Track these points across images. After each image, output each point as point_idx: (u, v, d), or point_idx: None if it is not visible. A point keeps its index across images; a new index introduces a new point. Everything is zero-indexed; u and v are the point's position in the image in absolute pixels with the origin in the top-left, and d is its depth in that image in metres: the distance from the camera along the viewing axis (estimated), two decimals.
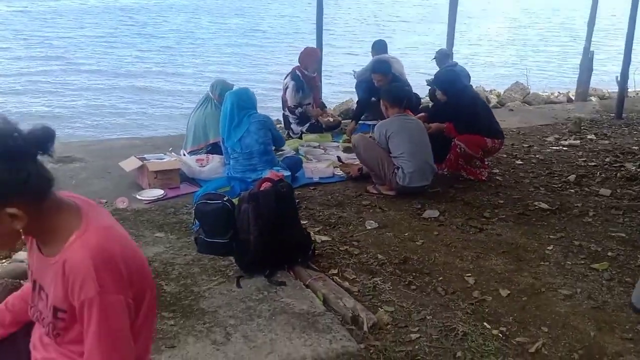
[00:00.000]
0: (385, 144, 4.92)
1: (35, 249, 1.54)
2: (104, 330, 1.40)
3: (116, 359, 1.43)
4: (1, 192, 1.35)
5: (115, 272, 1.42)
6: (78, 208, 1.52)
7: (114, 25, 26.45)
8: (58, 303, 1.45)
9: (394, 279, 3.58)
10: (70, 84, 13.97)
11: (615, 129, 7.62)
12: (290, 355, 2.70)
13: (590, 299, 3.42)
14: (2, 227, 1.39)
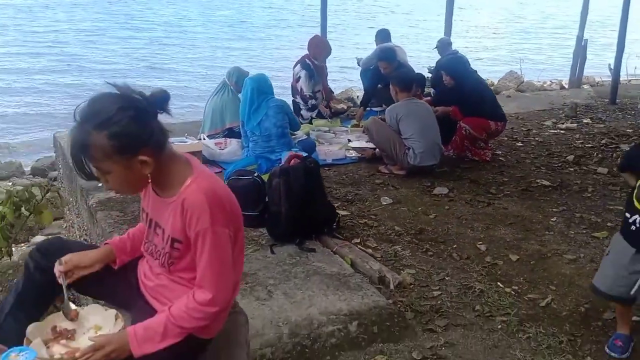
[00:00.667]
0: (396, 126, 5.21)
1: (151, 194, 1.82)
2: (213, 256, 1.70)
3: (222, 280, 1.73)
4: (134, 144, 1.64)
5: (223, 210, 1.72)
6: (187, 159, 1.81)
7: (104, 17, 26.71)
8: (176, 235, 1.74)
9: (412, 247, 3.89)
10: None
11: (610, 113, 7.96)
12: (328, 308, 3.00)
13: (592, 262, 3.74)
14: (134, 172, 1.68)
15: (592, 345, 2.89)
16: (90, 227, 4.63)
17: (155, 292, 1.86)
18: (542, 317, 3.12)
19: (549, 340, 2.90)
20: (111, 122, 1.61)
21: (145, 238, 1.89)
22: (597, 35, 19.55)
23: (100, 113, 1.62)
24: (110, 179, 1.70)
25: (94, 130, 1.61)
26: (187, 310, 1.72)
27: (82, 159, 1.65)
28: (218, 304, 1.74)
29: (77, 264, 1.86)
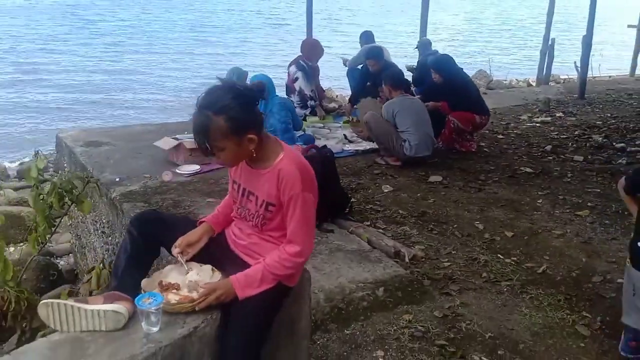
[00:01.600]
0: (392, 120, 5.63)
1: (244, 167, 2.18)
2: (302, 217, 2.07)
3: (308, 236, 2.11)
4: (244, 125, 2.00)
5: (310, 179, 2.10)
6: (275, 139, 2.18)
7: (64, 22, 26.67)
8: (271, 199, 2.10)
9: (418, 227, 4.30)
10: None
11: (580, 107, 8.55)
12: (355, 278, 3.39)
13: (578, 236, 4.22)
14: (243, 148, 2.04)
15: (585, 302, 3.34)
16: (113, 219, 4.90)
17: (247, 250, 2.23)
18: (540, 281, 3.57)
19: (548, 299, 3.35)
20: (227, 108, 1.97)
21: (238, 204, 2.25)
22: (559, 36, 20.42)
23: (218, 101, 1.98)
24: (223, 154, 2.05)
25: (214, 115, 1.97)
26: (280, 261, 2.08)
27: (204, 138, 2.00)
28: (304, 255, 2.13)
29: (188, 243, 2.22)
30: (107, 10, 32.53)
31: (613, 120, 7.69)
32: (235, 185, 2.24)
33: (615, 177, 5.47)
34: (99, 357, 1.78)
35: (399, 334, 2.97)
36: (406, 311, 3.18)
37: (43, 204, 3.71)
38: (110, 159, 5.84)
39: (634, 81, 11.03)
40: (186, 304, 2.00)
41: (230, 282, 2.05)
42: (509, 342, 2.96)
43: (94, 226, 5.68)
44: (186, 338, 1.95)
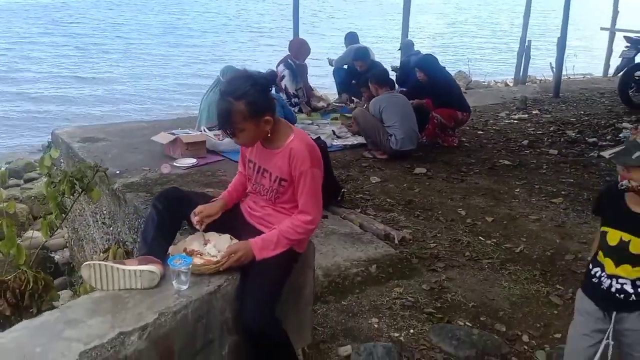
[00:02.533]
0: (379, 116, 5.94)
1: (258, 148, 2.46)
2: (312, 189, 2.36)
3: (317, 206, 2.41)
4: (262, 109, 2.28)
5: (317, 157, 2.39)
6: (285, 122, 2.47)
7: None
8: (283, 175, 2.39)
9: (405, 213, 4.61)
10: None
11: (555, 105, 8.95)
12: (349, 257, 3.69)
13: (552, 220, 4.56)
14: (260, 130, 2.32)
15: (558, 277, 3.68)
16: (114, 209, 5.14)
17: (261, 220, 2.51)
18: (518, 259, 3.90)
19: (525, 274, 3.68)
20: (246, 94, 2.25)
21: (253, 181, 2.53)
22: (535, 38, 20.97)
23: (238, 88, 2.26)
24: (243, 135, 2.33)
25: (235, 100, 2.25)
26: (294, 227, 2.37)
27: (227, 121, 2.28)
28: (314, 223, 2.43)
29: (207, 214, 2.49)
30: (81, 11, 32.60)
31: (586, 117, 8.10)
32: (251, 164, 2.52)
33: (587, 168, 5.87)
34: (139, 309, 2.05)
35: (391, 304, 3.28)
36: (397, 285, 3.48)
37: (55, 191, 3.94)
38: (108, 153, 6.06)
39: (606, 81, 11.49)
40: (211, 265, 2.28)
41: (249, 244, 2.33)
42: (490, 310, 3.28)
43: (93, 218, 5.90)
44: (211, 295, 2.23)
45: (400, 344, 2.92)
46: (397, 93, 6.32)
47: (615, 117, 8.05)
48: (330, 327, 3.06)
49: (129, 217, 4.81)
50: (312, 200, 2.39)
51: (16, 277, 3.66)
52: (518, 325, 3.15)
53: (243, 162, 2.63)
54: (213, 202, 2.58)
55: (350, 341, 2.93)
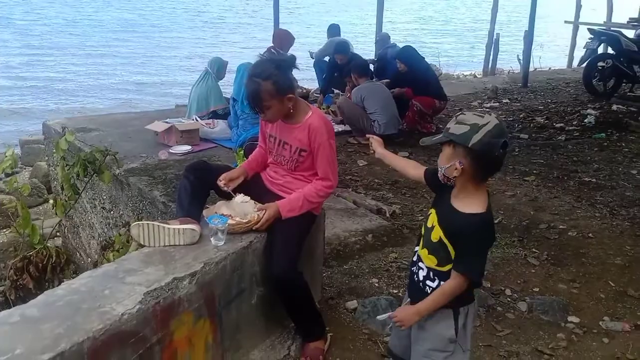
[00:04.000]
0: (361, 104, 6.31)
1: (279, 123, 2.79)
2: (330, 159, 2.71)
3: (334, 172, 2.76)
4: (286, 88, 2.61)
5: (331, 130, 2.75)
6: (304, 101, 2.81)
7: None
8: (303, 146, 2.72)
9: (393, 191, 5.00)
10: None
11: (524, 94, 9.46)
12: (347, 228, 4.06)
13: (526, 196, 5.00)
14: (284, 106, 2.65)
15: (534, 242, 4.11)
16: (116, 193, 5.40)
17: (282, 187, 2.83)
18: (498, 229, 4.30)
19: (505, 241, 4.10)
20: (272, 75, 2.58)
21: (275, 153, 2.85)
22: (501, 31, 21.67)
23: (265, 70, 2.59)
24: (270, 112, 2.65)
25: (263, 81, 2.58)
26: (316, 191, 2.71)
27: (256, 99, 2.61)
28: (333, 187, 2.79)
29: (230, 178, 2.81)
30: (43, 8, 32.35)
31: (553, 105, 8.61)
32: (272, 138, 2.85)
33: (556, 150, 6.34)
34: (186, 260, 2.37)
35: (388, 266, 3.66)
36: (392, 251, 3.87)
37: (69, 173, 4.21)
38: (103, 142, 6.26)
39: (571, 71, 12.07)
40: (243, 224, 2.61)
41: (277, 205, 2.67)
42: None
43: (90, 204, 6.13)
44: (244, 249, 2.56)
45: (399, 298, 3.29)
46: (376, 82, 6.69)
47: (580, 105, 8.57)
48: (336, 287, 3.42)
49: (133, 199, 5.08)
50: (330, 168, 2.74)
51: (39, 253, 3.94)
52: (501, 282, 3.56)
53: (263, 137, 2.95)
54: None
55: (355, 297, 3.30)
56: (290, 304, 2.69)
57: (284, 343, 2.88)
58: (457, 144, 1.89)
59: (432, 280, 2.04)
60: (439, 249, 2.00)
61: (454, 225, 1.96)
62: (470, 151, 1.86)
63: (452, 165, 1.91)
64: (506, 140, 1.87)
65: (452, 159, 1.91)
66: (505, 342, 2.99)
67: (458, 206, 1.97)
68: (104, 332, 1.95)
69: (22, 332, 1.90)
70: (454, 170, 1.91)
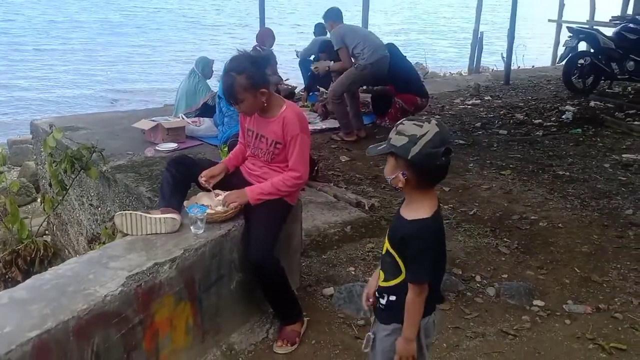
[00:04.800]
0: (343, 44, 6.35)
1: (256, 117, 2.93)
2: (300, 152, 2.85)
3: (305, 164, 2.90)
4: (259, 82, 2.76)
5: (305, 124, 2.89)
6: (278, 95, 2.96)
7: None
8: (278, 139, 2.87)
9: (373, 186, 5.16)
10: None
11: (505, 92, 9.66)
12: (327, 220, 4.22)
13: (501, 189, 5.18)
14: (257, 100, 2.79)
15: (506, 232, 4.28)
16: (104, 190, 5.52)
17: (259, 178, 2.98)
18: (472, 220, 4.49)
19: (478, 231, 4.27)
20: (247, 70, 2.73)
21: (252, 146, 3.00)
22: (491, 31, 21.93)
23: (240, 65, 2.74)
24: (243, 105, 2.80)
25: (237, 75, 2.73)
26: (284, 180, 2.86)
27: (231, 92, 2.75)
28: (302, 179, 2.92)
29: (212, 175, 2.96)
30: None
31: (533, 102, 8.80)
32: (250, 132, 3.00)
33: (533, 145, 6.53)
34: (167, 247, 2.52)
35: (365, 256, 3.82)
36: (369, 242, 4.03)
37: (57, 170, 4.34)
38: (90, 140, 6.37)
39: (553, 69, 12.27)
40: (221, 214, 2.76)
41: (244, 190, 2.83)
42: (448, 258, 3.73)
43: (78, 201, 6.24)
44: (223, 237, 2.71)
45: None
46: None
47: (559, 101, 8.78)
48: (314, 275, 3.58)
49: (120, 195, 5.20)
50: (300, 160, 2.89)
51: (27, 246, 4.07)
52: (472, 269, 3.72)
53: (243, 132, 3.10)
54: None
55: (332, 285, 3.45)
56: (268, 289, 2.85)
57: (263, 327, 3.03)
58: (398, 157, 1.89)
59: (381, 297, 2.05)
60: (386, 261, 2.02)
61: (397, 233, 1.96)
62: (412, 163, 1.86)
63: (397, 177, 1.91)
64: (449, 147, 1.90)
65: (395, 170, 1.92)
66: (472, 324, 3.15)
67: (405, 214, 1.98)
68: (88, 312, 2.09)
69: (11, 312, 2.04)
70: (398, 182, 1.92)
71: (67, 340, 2.02)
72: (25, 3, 35.48)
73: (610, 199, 4.92)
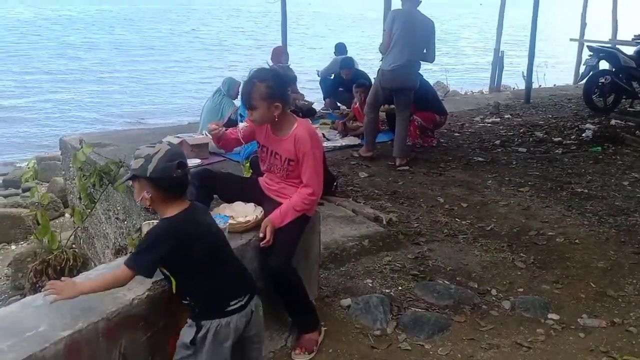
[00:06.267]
0: (390, 27, 6.20)
1: (270, 135, 3.05)
2: (313, 168, 2.96)
3: (318, 181, 2.99)
4: (276, 94, 2.87)
5: (317, 140, 3.01)
6: (291, 114, 3.08)
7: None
8: (291, 156, 2.98)
9: (391, 201, 5.25)
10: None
11: (525, 110, 9.70)
12: (345, 234, 4.31)
13: (519, 205, 5.23)
14: (270, 112, 2.90)
15: (522, 247, 4.33)
16: (130, 204, 5.69)
17: (277, 192, 3.10)
18: (489, 235, 4.55)
19: (495, 246, 4.33)
20: (268, 80, 2.86)
21: (267, 163, 3.11)
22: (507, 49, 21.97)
23: (262, 75, 2.89)
24: (256, 112, 2.91)
25: (258, 82, 2.86)
26: (301, 199, 2.95)
27: (248, 96, 2.89)
28: (316, 194, 3.02)
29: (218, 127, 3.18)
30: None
31: (553, 120, 8.83)
32: (265, 149, 3.12)
33: (552, 163, 6.57)
34: None
35: (382, 268, 3.91)
36: (386, 255, 4.11)
37: (86, 183, 4.51)
38: (117, 156, 6.57)
39: (574, 88, 12.28)
40: (242, 224, 2.88)
41: (270, 219, 2.92)
42: (465, 272, 3.91)
43: (105, 215, 6.44)
44: (244, 246, 2.83)
45: (391, 297, 3.53)
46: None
47: (579, 120, 8.79)
48: (332, 287, 3.67)
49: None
50: (314, 176, 2.99)
51: (57, 256, 4.23)
52: (488, 282, 3.78)
53: (249, 136, 3.18)
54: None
55: (349, 296, 3.54)
56: (286, 297, 2.95)
57: (281, 335, 3.12)
58: (139, 177, 2.16)
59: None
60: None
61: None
62: (151, 180, 2.13)
63: (143, 197, 2.18)
64: (182, 161, 2.17)
65: (140, 191, 2.18)
66: (487, 336, 3.21)
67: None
68: (117, 315, 2.22)
69: (45, 313, 2.16)
70: (146, 201, 2.19)
71: (97, 340, 2.15)
72: (44, 24, 36.56)
73: (628, 216, 4.94)
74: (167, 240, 2.15)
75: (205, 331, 2.24)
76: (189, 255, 2.20)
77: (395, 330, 3.24)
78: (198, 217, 2.29)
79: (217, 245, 2.33)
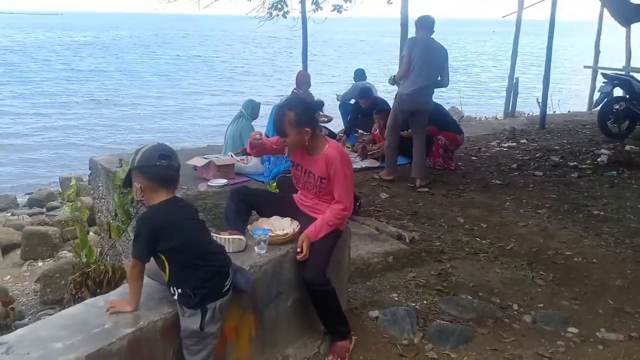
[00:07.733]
0: (409, 53, 6.42)
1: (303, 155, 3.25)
2: (344, 185, 3.16)
3: (349, 197, 3.19)
4: (305, 121, 3.09)
5: (346, 160, 3.22)
6: (323, 135, 3.30)
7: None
8: (323, 174, 3.19)
9: (413, 221, 5.43)
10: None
11: (541, 135, 9.88)
12: (370, 251, 4.49)
13: (537, 226, 5.39)
14: (300, 137, 3.12)
15: (542, 265, 4.49)
16: None
17: (311, 208, 3.30)
18: (509, 254, 4.71)
19: (515, 264, 4.49)
20: (297, 108, 3.09)
21: (302, 180, 3.31)
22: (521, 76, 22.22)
23: (292, 104, 3.12)
24: (288, 139, 3.13)
25: (288, 110, 3.09)
26: (334, 215, 3.14)
27: (280, 124, 3.11)
28: (348, 210, 3.21)
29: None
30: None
31: (568, 145, 9.00)
32: (299, 167, 3.34)
33: (568, 186, 6.73)
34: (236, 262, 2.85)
35: (407, 283, 4.08)
36: (410, 271, 4.29)
37: (124, 199, 4.75)
38: None
39: (589, 114, 12.45)
40: (280, 236, 3.09)
41: (306, 234, 3.13)
42: (487, 288, 4.08)
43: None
44: (282, 257, 3.03)
45: (417, 310, 3.70)
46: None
47: (594, 145, 8.96)
48: (360, 300, 3.85)
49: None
50: (344, 193, 3.19)
51: (96, 269, 4.44)
52: (509, 298, 3.94)
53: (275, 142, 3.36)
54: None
55: (377, 308, 3.71)
56: (320, 306, 3.14)
57: (315, 343, 3.30)
58: (132, 171, 2.45)
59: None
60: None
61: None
62: (138, 169, 2.41)
63: (136, 188, 2.44)
64: (164, 153, 2.42)
65: (135, 185, 2.45)
66: (510, 347, 3.37)
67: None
68: (173, 315, 2.42)
69: None
70: (138, 193, 2.44)
71: (155, 338, 2.35)
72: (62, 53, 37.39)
73: None
74: (145, 226, 2.40)
75: (211, 313, 2.42)
76: (169, 242, 2.38)
77: (422, 340, 3.41)
78: (175, 208, 2.50)
79: (193, 236, 2.47)
